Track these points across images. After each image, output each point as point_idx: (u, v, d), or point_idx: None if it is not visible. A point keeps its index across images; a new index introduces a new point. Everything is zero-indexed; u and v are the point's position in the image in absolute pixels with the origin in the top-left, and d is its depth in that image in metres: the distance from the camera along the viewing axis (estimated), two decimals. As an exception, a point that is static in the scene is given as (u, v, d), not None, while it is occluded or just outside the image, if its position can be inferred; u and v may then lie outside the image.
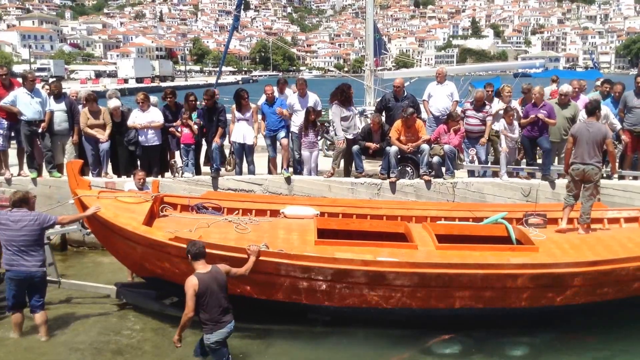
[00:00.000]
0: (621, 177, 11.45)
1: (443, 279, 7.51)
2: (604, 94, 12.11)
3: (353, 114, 11.59)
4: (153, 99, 12.21)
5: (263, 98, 11.96)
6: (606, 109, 11.17)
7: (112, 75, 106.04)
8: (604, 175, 11.33)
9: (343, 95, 11.62)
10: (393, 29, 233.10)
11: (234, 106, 11.69)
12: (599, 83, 13.05)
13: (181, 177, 11.50)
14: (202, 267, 6.59)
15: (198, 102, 12.12)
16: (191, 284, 6.40)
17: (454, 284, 7.55)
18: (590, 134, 9.09)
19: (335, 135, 11.71)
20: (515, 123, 11.47)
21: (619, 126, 11.22)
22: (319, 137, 12.31)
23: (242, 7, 20.13)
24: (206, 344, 6.64)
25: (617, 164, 11.09)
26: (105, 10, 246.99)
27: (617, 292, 7.85)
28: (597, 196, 9.48)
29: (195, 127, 11.41)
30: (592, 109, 9.48)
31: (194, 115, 11.59)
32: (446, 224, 9.44)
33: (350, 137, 11.59)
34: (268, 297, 7.69)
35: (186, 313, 6.41)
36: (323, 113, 13.88)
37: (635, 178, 11.37)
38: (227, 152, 12.17)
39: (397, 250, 8.15)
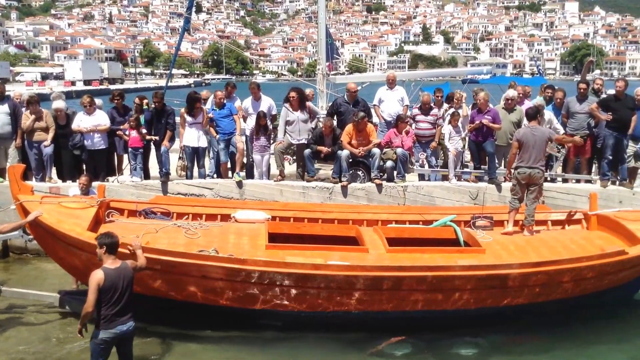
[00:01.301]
0: (565, 181, 11.78)
1: (393, 282, 7.56)
2: (547, 99, 12.44)
3: (299, 119, 11.57)
4: (98, 101, 11.95)
5: (210, 102, 11.86)
6: (550, 114, 11.50)
7: (59, 77, 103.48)
8: (548, 178, 11.68)
9: (288, 98, 11.61)
10: (346, 34, 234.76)
11: (183, 110, 11.54)
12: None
13: (131, 180, 11.28)
14: (111, 262, 6.29)
15: (147, 106, 11.91)
16: (96, 277, 6.06)
17: (404, 286, 7.61)
18: (535, 138, 9.33)
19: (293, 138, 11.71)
20: (460, 126, 11.70)
21: (562, 131, 11.53)
22: (272, 141, 12.26)
23: (194, 9, 19.91)
24: (92, 339, 6.27)
25: (556, 168, 11.58)
26: (53, 11, 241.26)
27: (560, 292, 8.05)
28: (540, 198, 9.74)
29: (144, 130, 11.22)
30: (533, 114, 9.74)
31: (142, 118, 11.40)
32: (397, 227, 9.54)
33: (295, 141, 11.60)
34: (218, 303, 7.60)
35: (85, 307, 6.08)
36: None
37: (577, 181, 11.72)
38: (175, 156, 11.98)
39: (348, 253, 8.19)
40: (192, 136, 11.36)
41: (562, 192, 11.28)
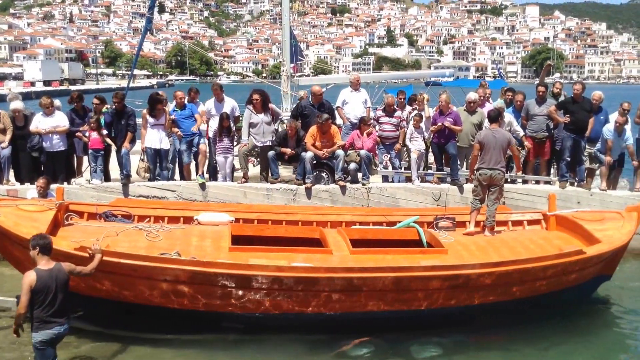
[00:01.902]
0: (524, 182, 11.99)
1: (357, 283, 7.58)
2: (507, 102, 12.65)
3: (263, 121, 11.54)
4: (57, 102, 11.71)
5: (173, 104, 11.76)
6: (510, 116, 11.70)
7: (19, 77, 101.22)
8: (508, 179, 11.88)
9: (250, 99, 11.56)
10: (311, 36, 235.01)
11: (144, 111, 11.40)
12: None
13: (91, 182, 11.08)
14: (45, 263, 6.19)
15: (107, 107, 11.73)
16: (28, 279, 5.99)
17: (367, 287, 7.63)
18: (496, 140, 9.48)
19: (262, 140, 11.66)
20: (423, 128, 11.82)
21: (522, 133, 11.74)
22: (235, 143, 12.21)
23: (157, 9, 19.66)
24: (32, 343, 6.23)
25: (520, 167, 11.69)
26: (12, 11, 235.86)
27: (520, 291, 8.18)
28: (501, 199, 9.89)
29: (104, 131, 11.04)
30: (495, 116, 9.89)
31: (102, 119, 11.22)
32: (360, 228, 9.57)
33: (259, 143, 11.57)
34: (180, 306, 7.51)
35: (18, 309, 6.04)
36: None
37: (537, 182, 11.94)
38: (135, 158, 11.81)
39: (312, 255, 8.19)
40: (154, 138, 11.22)
41: (522, 193, 11.48)
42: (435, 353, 7.68)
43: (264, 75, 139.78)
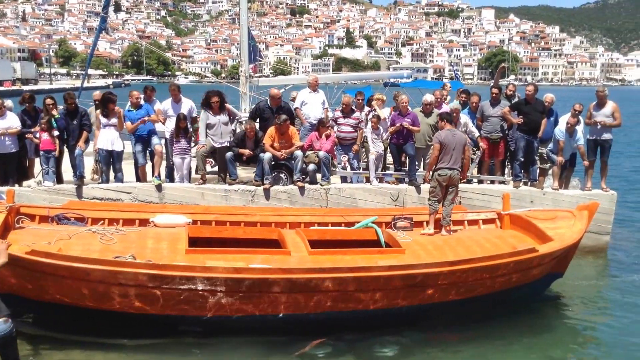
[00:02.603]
0: (480, 182, 12.19)
1: (315, 284, 7.58)
2: (462, 103, 12.84)
3: (220, 122, 11.45)
4: (8, 103, 11.40)
5: (128, 104, 11.59)
6: (465, 117, 11.88)
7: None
8: (465, 180, 12.05)
9: (207, 102, 11.47)
10: (270, 36, 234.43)
11: (97, 111, 11.19)
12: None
13: (42, 184, 10.81)
14: None
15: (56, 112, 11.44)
16: None
17: (326, 288, 7.64)
18: (455, 140, 9.64)
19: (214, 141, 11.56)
20: (381, 129, 11.91)
21: (477, 134, 11.93)
22: (193, 144, 12.07)
23: (112, 8, 19.33)
24: None
25: (472, 169, 11.99)
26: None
27: (476, 289, 8.30)
28: (457, 199, 10.04)
29: (56, 133, 10.79)
30: (449, 117, 10.05)
31: (54, 120, 10.95)
32: (319, 229, 9.60)
33: (217, 144, 11.48)
34: (136, 310, 7.39)
35: None
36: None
37: (492, 182, 12.15)
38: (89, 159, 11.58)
39: (270, 256, 8.17)
40: (107, 139, 11.01)
41: (478, 192, 11.67)
42: (392, 352, 7.73)
43: (223, 75, 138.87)
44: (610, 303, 9.77)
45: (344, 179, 12.19)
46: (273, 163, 11.28)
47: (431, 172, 9.84)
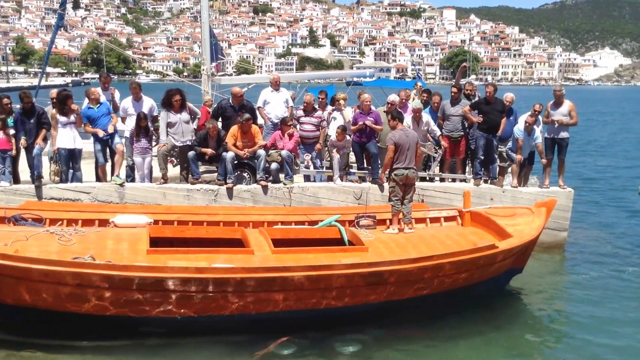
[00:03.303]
0: (442, 180, 12.33)
1: (279, 283, 7.57)
2: (424, 103, 12.96)
3: (181, 120, 11.33)
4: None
5: (86, 101, 11.40)
6: (427, 116, 12.00)
7: None
8: (427, 178, 12.20)
9: (168, 101, 11.35)
10: (233, 35, 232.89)
11: (53, 110, 10.96)
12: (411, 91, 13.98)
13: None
14: None
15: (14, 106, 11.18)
16: None
17: (289, 286, 7.63)
18: (409, 139, 9.74)
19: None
20: (348, 137, 11.94)
21: (438, 132, 12.06)
22: (154, 143, 11.93)
23: (71, 5, 18.97)
24: None
25: (434, 168, 12.19)
26: None
27: (438, 286, 8.39)
28: (419, 197, 10.16)
29: (12, 131, 10.54)
30: (400, 116, 10.13)
31: (10, 120, 10.70)
32: (282, 228, 9.59)
33: (178, 143, 11.37)
34: (96, 312, 7.26)
35: None
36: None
37: (453, 180, 12.30)
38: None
39: (233, 256, 8.13)
40: (68, 137, 10.80)
41: (440, 190, 11.80)
42: (355, 349, 7.77)
43: (185, 74, 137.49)
44: (568, 298, 10.01)
45: (307, 178, 12.21)
46: (236, 162, 11.22)
47: (386, 173, 9.89)
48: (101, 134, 11.00)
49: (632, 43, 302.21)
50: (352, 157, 12.77)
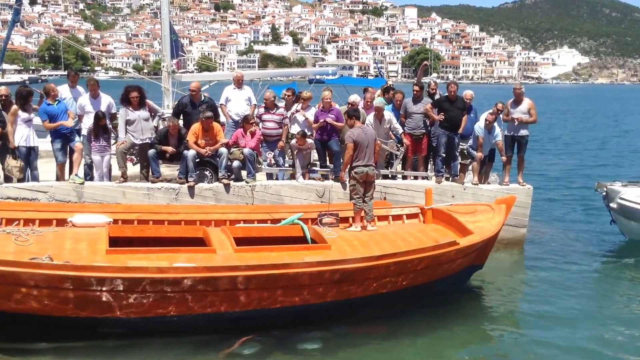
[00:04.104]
0: (404, 177, 12.42)
1: (241, 282, 7.52)
2: (387, 100, 13.03)
3: (140, 118, 11.16)
4: None
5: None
6: (389, 114, 12.06)
7: None
8: (389, 175, 12.27)
9: (126, 97, 11.18)
10: (194, 32, 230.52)
11: (14, 107, 10.68)
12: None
13: None
14: None
15: None
16: None
17: (252, 285, 7.60)
18: (367, 137, 9.80)
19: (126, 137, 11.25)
20: (309, 142, 11.90)
21: (401, 130, 12.14)
22: (114, 142, 11.73)
23: (27, 0, 18.52)
24: None
25: (396, 165, 12.28)
26: None
27: (400, 282, 8.46)
28: (382, 195, 10.22)
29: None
30: (357, 114, 10.17)
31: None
32: (245, 226, 9.54)
33: (137, 141, 11.20)
34: (55, 313, 7.11)
35: None
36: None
37: (415, 178, 12.40)
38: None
39: (195, 255, 8.05)
40: (26, 135, 10.57)
41: (402, 188, 11.88)
42: (318, 346, 7.79)
43: (145, 71, 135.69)
44: (527, 293, 10.20)
45: (269, 176, 12.15)
46: (197, 160, 11.11)
47: (346, 171, 9.92)
48: (70, 123, 10.77)
49: (589, 42, 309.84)
50: (315, 155, 12.76)
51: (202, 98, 12.13)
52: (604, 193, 12.66)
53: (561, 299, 9.71)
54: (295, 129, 11.96)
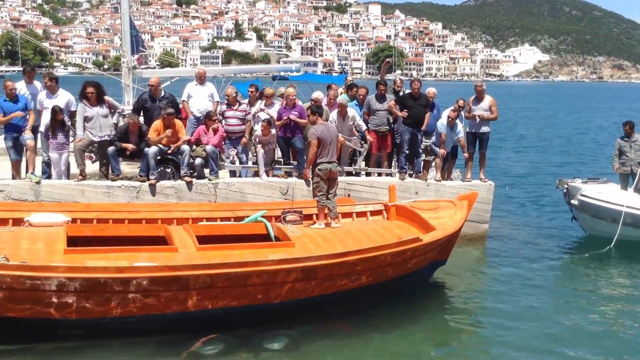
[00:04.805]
0: (368, 174, 12.45)
1: (204, 281, 7.42)
2: (351, 97, 13.05)
3: (98, 114, 10.95)
4: None
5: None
6: (353, 111, 12.06)
7: None
8: (353, 172, 12.28)
9: (84, 93, 10.96)
10: (156, 27, 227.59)
11: None
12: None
13: None
14: None
15: None
16: None
17: (216, 284, 7.51)
18: (330, 134, 9.79)
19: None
20: (273, 130, 11.84)
21: (364, 127, 12.16)
22: (72, 139, 11.47)
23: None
24: None
25: (360, 162, 12.33)
26: None
27: (364, 279, 8.46)
28: (345, 192, 10.22)
29: None
30: (320, 111, 10.19)
31: None
32: (208, 224, 9.43)
33: (96, 138, 10.99)
34: (10, 314, 6.90)
35: None
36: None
37: (379, 174, 12.44)
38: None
39: (156, 254, 7.92)
40: None
41: (366, 185, 11.90)
42: (283, 344, 7.73)
43: (106, 67, 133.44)
44: (489, 288, 10.31)
45: (232, 173, 12.05)
46: (159, 158, 10.94)
47: (310, 169, 9.88)
48: (20, 114, 10.53)
49: (550, 40, 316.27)
50: (279, 153, 12.69)
51: (163, 93, 11.94)
52: (565, 190, 12.88)
53: (522, 294, 9.83)
54: (259, 129, 11.87)
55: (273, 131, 11.71)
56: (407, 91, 12.62)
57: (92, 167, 11.65)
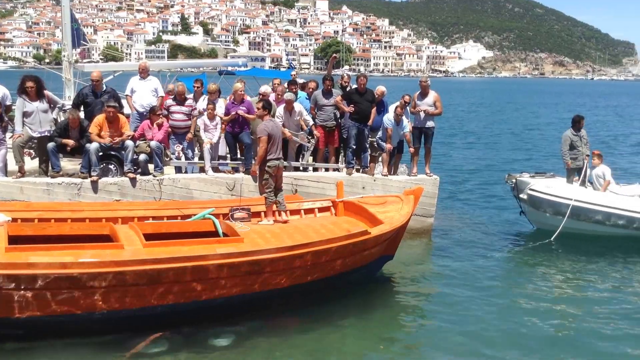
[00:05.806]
0: (315, 169, 12.47)
1: (151, 276, 7.30)
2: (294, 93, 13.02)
3: (38, 109, 10.63)
4: None
5: None
6: (300, 106, 12.05)
7: None
8: (300, 167, 12.29)
9: (23, 88, 10.63)
10: (99, 20, 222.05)
11: None
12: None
13: None
14: None
15: None
16: None
17: (163, 279, 7.39)
18: (277, 130, 9.81)
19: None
20: (218, 118, 11.75)
21: (311, 122, 12.17)
22: (10, 135, 11.10)
23: None
24: None
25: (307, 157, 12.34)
26: None
27: (313, 273, 8.49)
28: (292, 188, 10.21)
29: None
30: (270, 106, 10.17)
31: None
32: (154, 222, 9.29)
33: (35, 134, 10.67)
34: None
35: None
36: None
37: (326, 170, 12.47)
38: None
39: (102, 251, 7.71)
40: None
41: (313, 180, 11.92)
42: (230, 341, 7.69)
43: (47, 60, 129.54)
44: (435, 282, 10.46)
45: (178, 169, 11.87)
46: (101, 154, 10.69)
47: (260, 165, 9.83)
48: None
49: (493, 36, 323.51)
50: (226, 148, 12.58)
51: (104, 88, 11.67)
52: (513, 185, 13.16)
53: (467, 286, 10.02)
54: (202, 120, 11.74)
55: (218, 118, 11.60)
56: (354, 86, 12.67)
57: (32, 163, 11.30)
